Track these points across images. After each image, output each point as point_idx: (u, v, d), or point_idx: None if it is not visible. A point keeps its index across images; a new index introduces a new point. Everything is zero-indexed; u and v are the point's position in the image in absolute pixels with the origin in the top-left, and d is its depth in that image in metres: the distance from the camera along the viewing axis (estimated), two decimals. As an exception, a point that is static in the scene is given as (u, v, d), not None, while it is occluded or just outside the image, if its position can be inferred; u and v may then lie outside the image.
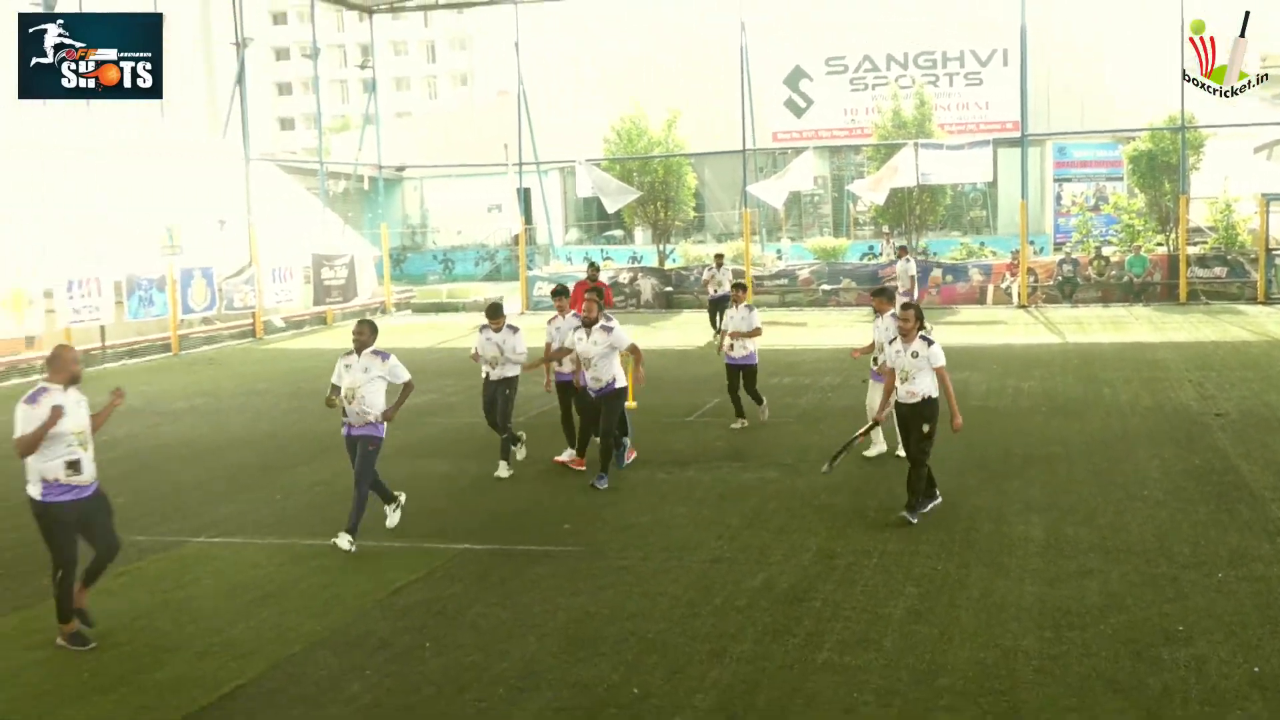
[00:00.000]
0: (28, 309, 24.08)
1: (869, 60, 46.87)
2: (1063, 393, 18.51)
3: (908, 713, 7.04)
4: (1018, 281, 33.98)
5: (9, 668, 8.31)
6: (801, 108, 47.65)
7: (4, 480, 14.76)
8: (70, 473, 8.42)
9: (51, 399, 8.42)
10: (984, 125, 44.18)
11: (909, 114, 38.63)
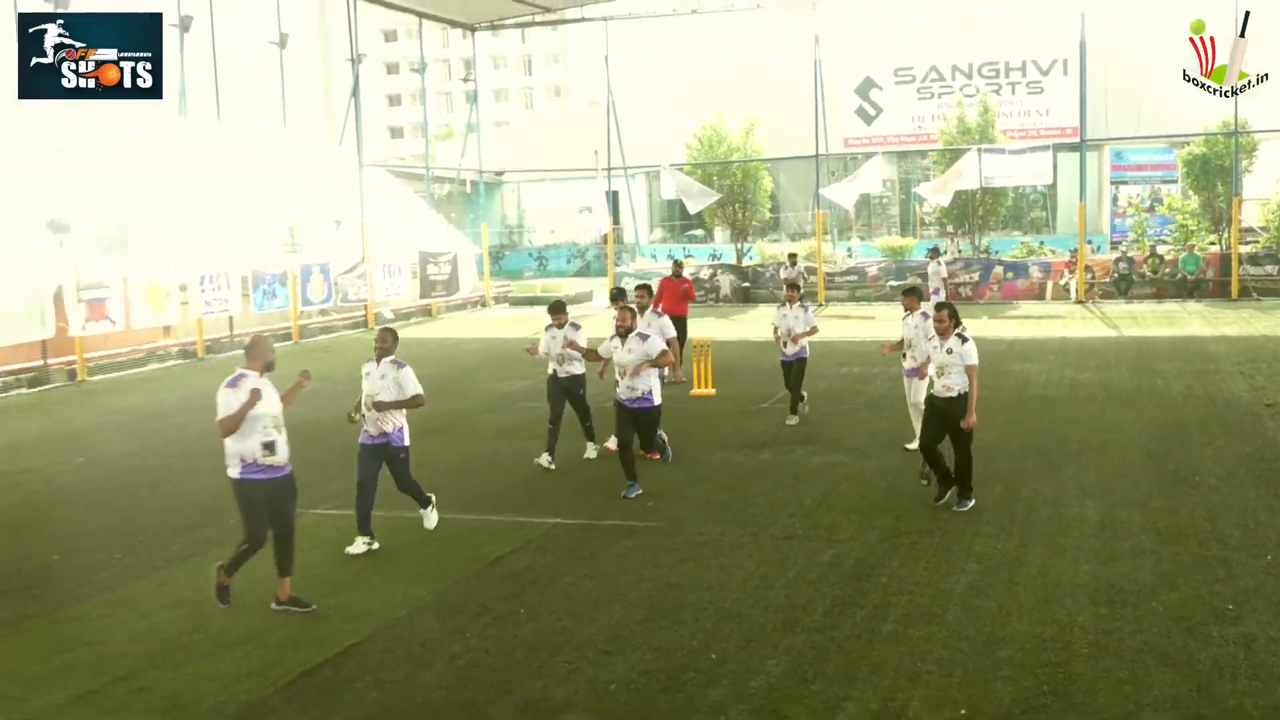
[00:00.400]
0: (165, 301, 24.66)
1: (935, 70, 46.35)
2: (1118, 383, 18.18)
3: (968, 681, 6.99)
4: (1075, 278, 33.42)
5: (148, 624, 8.54)
6: (871, 115, 47.26)
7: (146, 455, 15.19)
8: (266, 453, 8.41)
9: (250, 383, 8.41)
10: (1044, 131, 43.45)
11: (973, 121, 38.21)
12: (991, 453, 13.28)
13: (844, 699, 6.80)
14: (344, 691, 7.20)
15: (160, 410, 18.87)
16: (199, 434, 16.49)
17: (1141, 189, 44.33)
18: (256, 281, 27.51)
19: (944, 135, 39.37)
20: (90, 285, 22.58)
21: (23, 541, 10.99)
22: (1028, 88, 45.41)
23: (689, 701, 6.85)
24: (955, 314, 11.18)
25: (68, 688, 7.38)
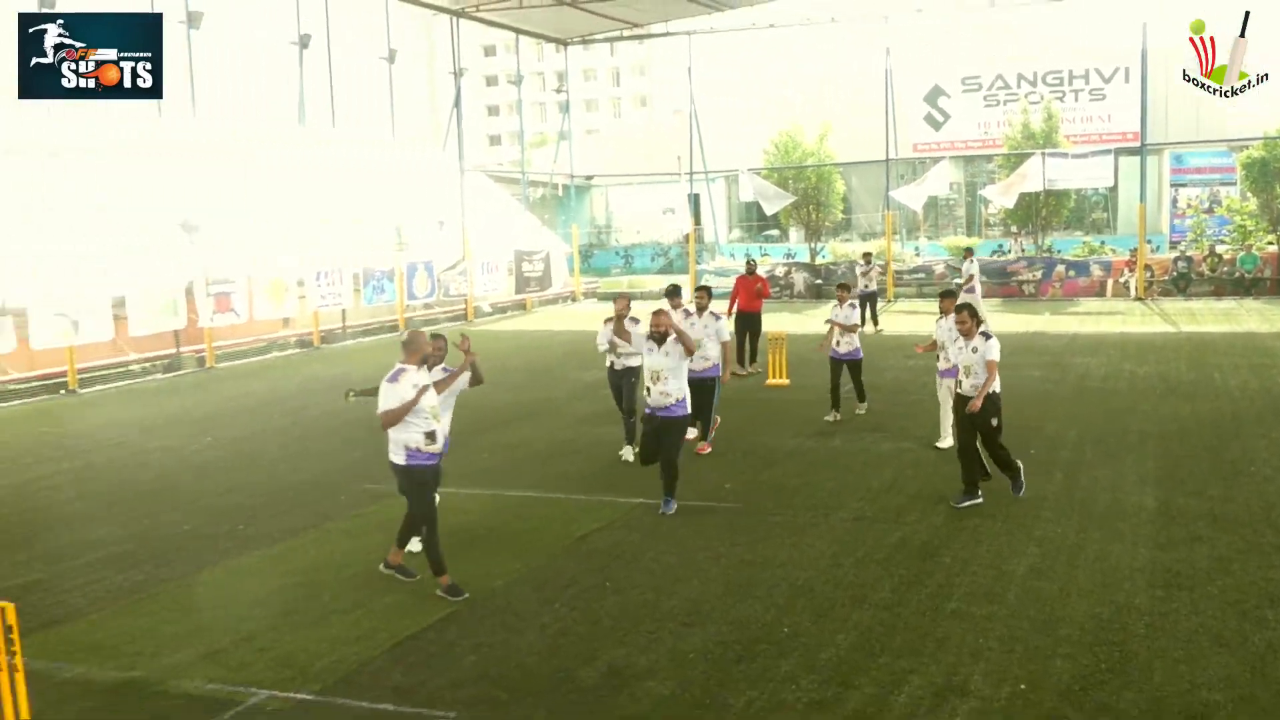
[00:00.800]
0: (284, 295, 25.09)
1: (1001, 79, 45.49)
2: (1176, 376, 17.72)
3: (1028, 657, 6.88)
4: (1135, 276, 32.64)
5: (267, 591, 8.72)
6: (939, 122, 46.55)
7: (266, 436, 15.50)
8: (428, 442, 8.35)
9: (410, 378, 8.28)
10: (1106, 136, 42.46)
11: (1037, 126, 37.51)
12: (1053, 442, 13.05)
13: (909, 672, 6.73)
14: (444, 655, 7.28)
15: (279, 395, 19.23)
16: (314, 417, 16.82)
17: (1201, 191, 43.13)
18: (367, 277, 27.89)
19: (1009, 140, 38.69)
20: (217, 280, 23.06)
21: (157, 513, 11.27)
22: (1090, 95, 44.40)
23: (763, 671, 6.82)
24: (975, 314, 10.81)
25: (196, 647, 7.56)
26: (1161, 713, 6.09)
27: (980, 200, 45.66)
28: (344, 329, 27.87)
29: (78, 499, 11.99)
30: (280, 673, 7.06)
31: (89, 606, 8.48)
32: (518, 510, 10.81)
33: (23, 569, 9.48)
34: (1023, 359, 20.26)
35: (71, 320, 19.81)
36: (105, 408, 18.50)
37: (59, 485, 12.70)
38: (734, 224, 51.92)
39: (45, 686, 6.79)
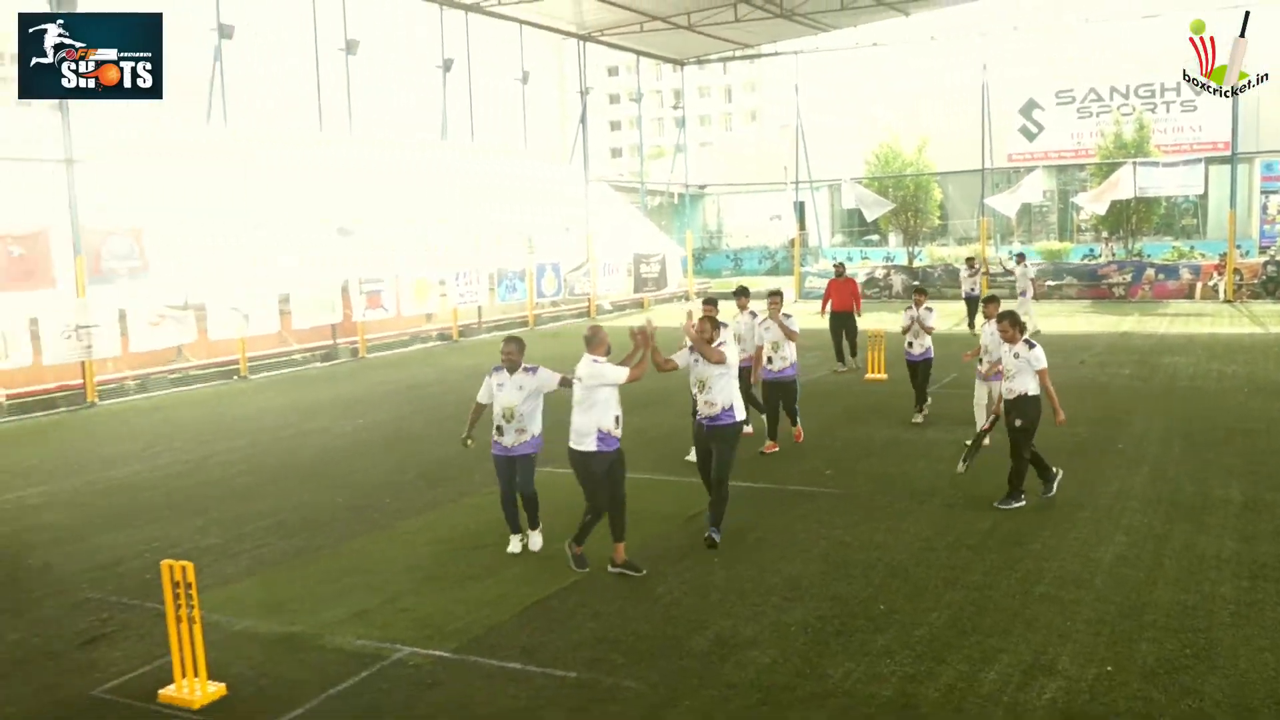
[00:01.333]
0: (427, 293, 25.58)
1: (1094, 92, 43.99)
2: (1263, 376, 16.91)
3: (1115, 640, 6.65)
4: (1224, 279, 31.23)
5: (414, 558, 8.91)
6: (1034, 133, 45.23)
7: (411, 419, 15.82)
8: (616, 425, 8.17)
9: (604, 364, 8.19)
10: (1196, 145, 40.69)
11: (1129, 137, 36.21)
12: (1140, 437, 12.59)
13: (999, 650, 6.56)
14: (566, 620, 7.35)
15: (422, 383, 19.61)
16: (453, 403, 17.09)
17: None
18: (500, 278, 28.27)
19: (1101, 150, 37.44)
20: (369, 280, 23.61)
21: (314, 487, 11.60)
22: (1181, 106, 42.61)
23: (860, 645, 6.73)
24: (1017, 321, 10.28)
25: (346, 606, 7.77)
26: (1246, 697, 5.83)
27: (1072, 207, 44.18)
28: (479, 324, 28.33)
29: (247, 473, 12.41)
30: (420, 631, 7.20)
31: (256, 567, 8.78)
32: (635, 491, 10.77)
33: (200, 533, 9.86)
34: (1112, 358, 19.59)
35: (243, 314, 20.50)
36: (271, 392, 19.09)
37: (231, 460, 13.17)
38: (836, 229, 51.28)
39: (219, 637, 7.05)
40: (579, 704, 6.06)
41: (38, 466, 13.10)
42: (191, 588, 6.05)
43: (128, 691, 6.44)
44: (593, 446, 8.06)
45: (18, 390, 17.44)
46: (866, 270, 37.14)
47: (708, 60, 42.61)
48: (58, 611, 7.89)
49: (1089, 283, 33.35)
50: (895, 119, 40.83)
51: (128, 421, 16.38)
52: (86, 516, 10.57)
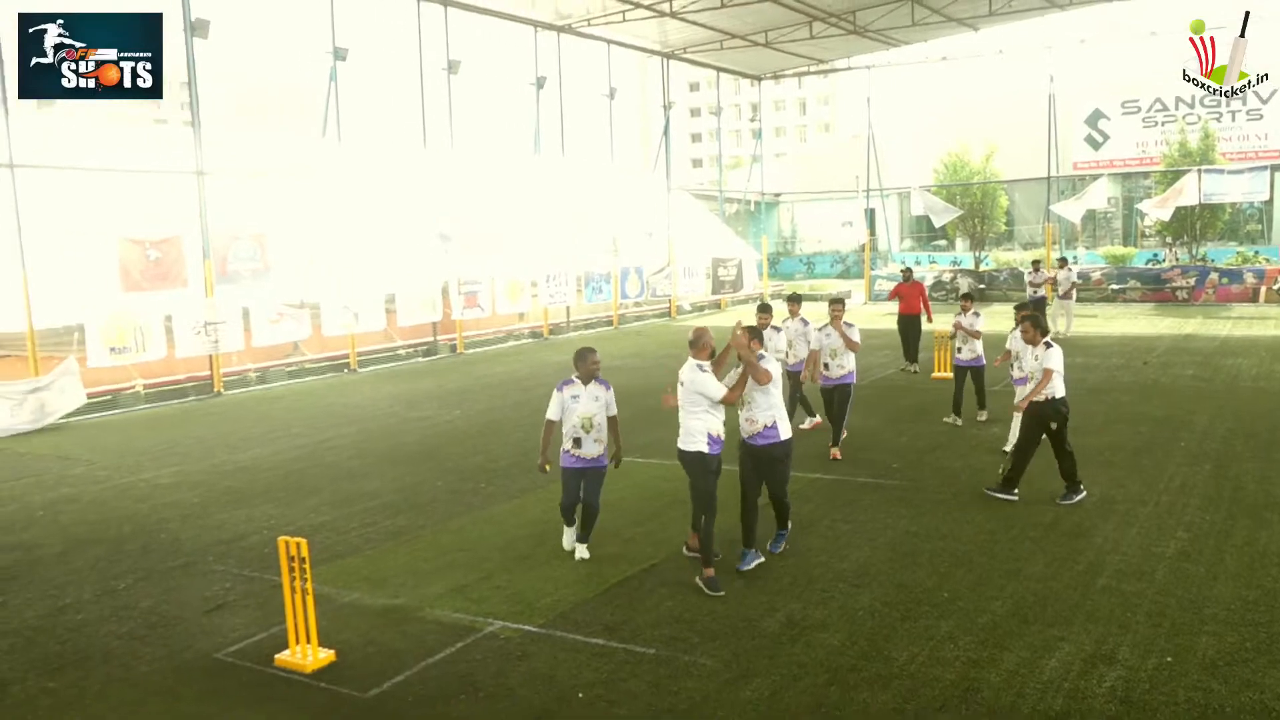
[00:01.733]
0: (520, 293, 25.84)
1: (1160, 101, 42.52)
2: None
3: (1175, 633, 6.43)
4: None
5: (505, 538, 9.00)
6: (1099, 142, 43.93)
7: (505, 410, 15.98)
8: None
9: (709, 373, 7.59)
10: (1262, 153, 39.14)
11: (1194, 145, 34.95)
12: (1203, 435, 12.16)
13: (1060, 639, 6.40)
14: (646, 599, 7.36)
15: (516, 377, 19.80)
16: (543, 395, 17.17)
17: (1356, 204, 39.25)
18: (587, 280, 28.44)
19: (1166, 158, 36.21)
20: (467, 281, 23.92)
21: (416, 471, 11.80)
22: (1247, 114, 40.96)
23: (924, 630, 6.62)
24: (1039, 324, 9.94)
25: (445, 581, 7.89)
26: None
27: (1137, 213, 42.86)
28: (568, 323, 28.53)
29: (356, 457, 12.67)
30: (512, 606, 7.27)
31: (363, 545, 8.96)
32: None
33: (313, 512, 10.10)
34: (1175, 359, 18.95)
35: (354, 313, 20.94)
36: (377, 384, 19.44)
37: (342, 446, 13.45)
38: (905, 234, 50.49)
39: (329, 608, 7.22)
40: (657, 679, 6.06)
41: (170, 450, 13.55)
42: (305, 562, 6.20)
43: (247, 655, 6.62)
44: (704, 447, 7.61)
45: (153, 380, 18.06)
46: (934, 274, 36.53)
47: (784, 75, 42.25)
48: (186, 581, 8.15)
49: (1153, 286, 32.31)
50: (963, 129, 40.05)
51: (249, 410, 16.84)
52: (212, 495, 10.90)
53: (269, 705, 5.91)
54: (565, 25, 29.00)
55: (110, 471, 12.30)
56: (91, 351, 16.41)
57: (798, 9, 29.56)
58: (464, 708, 5.79)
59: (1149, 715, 5.41)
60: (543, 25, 28.51)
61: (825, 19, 31.05)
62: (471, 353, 24.17)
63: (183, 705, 5.96)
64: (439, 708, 5.79)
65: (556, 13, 28.09)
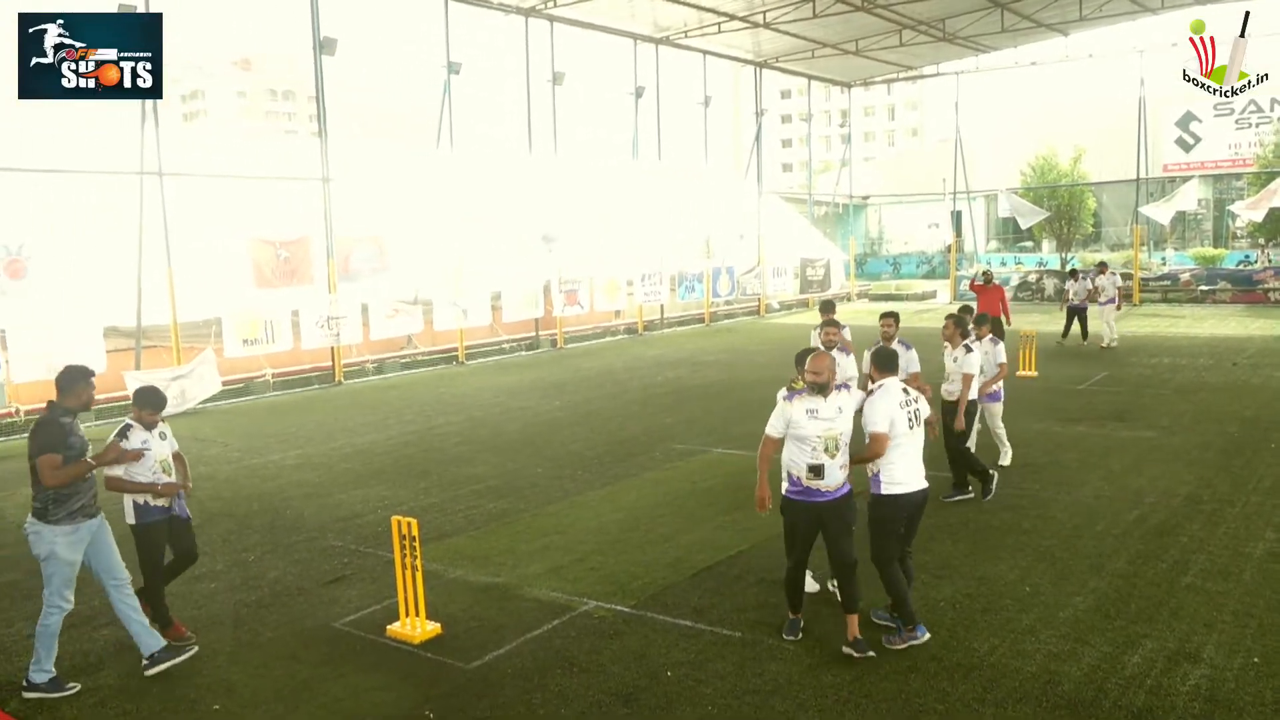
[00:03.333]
0: (617, 292, 25.96)
1: (1254, 104, 40.39)
2: None
3: (1263, 633, 6.10)
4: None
5: (599, 522, 9.03)
6: (1190, 144, 41.96)
7: (601, 401, 16.06)
8: (811, 476, 5.93)
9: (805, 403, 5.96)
10: (1360, 154, 36.93)
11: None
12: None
13: (1143, 636, 6.13)
14: (733, 584, 7.31)
15: (611, 370, 19.88)
16: (637, 388, 17.29)
17: None
18: (681, 279, 28.42)
19: (1260, 160, 34.45)
20: (568, 280, 24.14)
21: (518, 457, 11.94)
22: (1345, 115, 38.73)
23: (1005, 623, 6.42)
24: (961, 323, 9.27)
25: (543, 562, 7.97)
26: (1402, 698, 5.24)
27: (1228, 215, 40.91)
28: (662, 320, 28.53)
29: (463, 443, 12.89)
30: (605, 587, 7.30)
31: (468, 525, 9.11)
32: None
33: (423, 494, 10.31)
34: (1265, 360, 18.00)
35: (462, 309, 21.33)
36: (483, 375, 19.74)
37: (450, 433, 13.70)
38: (991, 236, 49.15)
39: (437, 584, 7.36)
40: (743, 660, 6.01)
41: (295, 434, 14.00)
42: (415, 540, 6.33)
43: (361, 625, 6.79)
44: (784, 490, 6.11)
45: (281, 369, 18.70)
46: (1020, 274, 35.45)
47: (873, 82, 41.48)
48: (308, 555, 8.41)
49: (1243, 288, 30.72)
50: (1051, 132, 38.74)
51: (366, 398, 17.29)
52: (332, 476, 11.23)
53: (380, 672, 6.05)
54: (663, 37, 29.00)
55: (241, 453, 12.78)
56: (227, 343, 17.09)
57: (888, 18, 28.98)
58: (560, 681, 5.83)
59: (1235, 714, 5.15)
60: (642, 38, 28.56)
61: (915, 26, 30.38)
62: (571, 347, 24.37)
63: (302, 669, 6.15)
64: (536, 680, 5.85)
65: (655, 25, 28.10)
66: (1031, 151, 37.34)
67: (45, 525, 5.87)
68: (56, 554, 5.87)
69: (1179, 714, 5.17)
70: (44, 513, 5.86)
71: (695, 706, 5.46)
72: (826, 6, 26.79)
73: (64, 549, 5.88)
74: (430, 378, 19.74)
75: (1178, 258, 39.00)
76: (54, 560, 5.88)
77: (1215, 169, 41.34)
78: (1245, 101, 40.69)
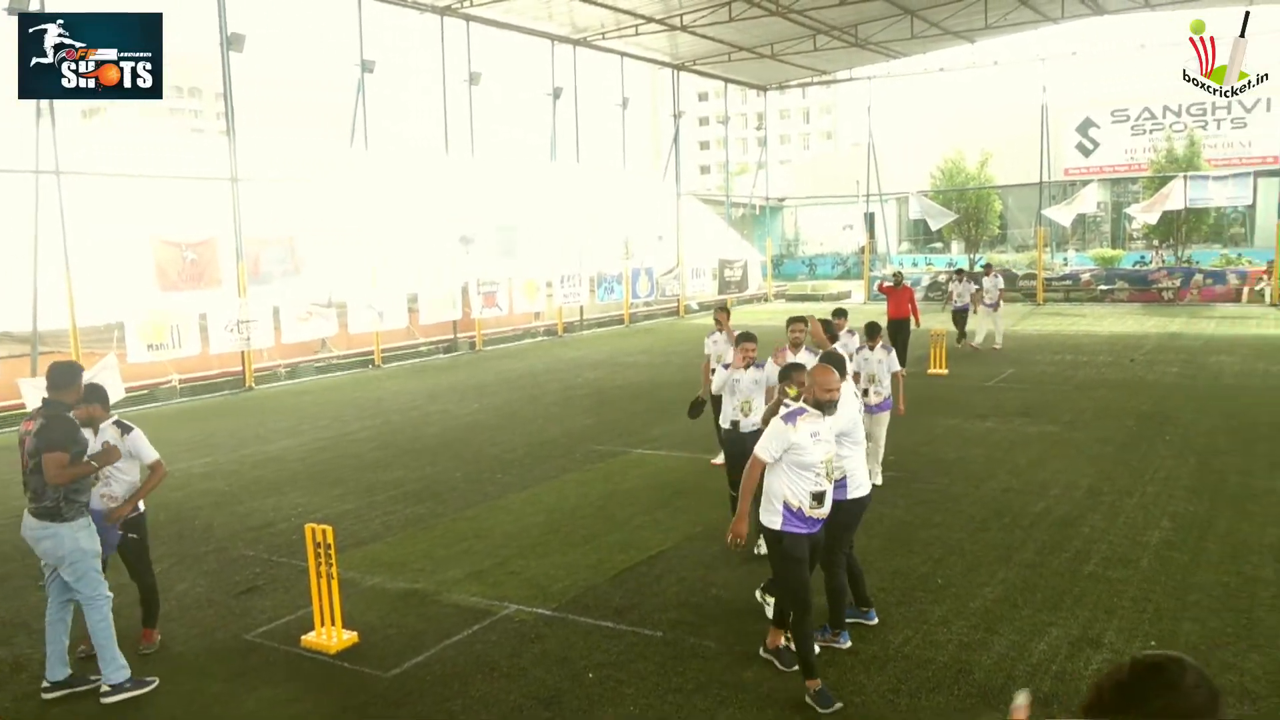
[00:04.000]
0: (536, 293, 25.83)
1: (1148, 110, 42.25)
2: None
3: (1159, 618, 6.38)
4: (1271, 284, 29.74)
5: (519, 526, 8.98)
6: (1089, 149, 43.66)
7: (521, 404, 15.97)
8: (814, 505, 5.45)
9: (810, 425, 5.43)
10: (1245, 159, 38.82)
11: (1180, 152, 34.74)
12: (1188, 430, 12.06)
13: (1049, 624, 6.35)
14: (654, 584, 7.34)
15: (531, 372, 19.79)
16: (557, 390, 17.24)
17: (1336, 208, 38.89)
18: (600, 280, 28.43)
19: (1154, 165, 36.04)
20: (486, 281, 23.92)
21: (438, 461, 11.80)
22: (1232, 123, 40.68)
23: (919, 614, 6.58)
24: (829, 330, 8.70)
25: (463, 567, 7.88)
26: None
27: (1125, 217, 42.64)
28: (582, 321, 28.49)
29: (379, 448, 12.68)
30: (526, 591, 7.26)
31: (386, 531, 8.96)
32: (716, 472, 10.78)
33: (338, 500, 10.11)
34: (1161, 356, 18.82)
35: (377, 311, 20.97)
36: (400, 379, 19.47)
37: (366, 438, 13.47)
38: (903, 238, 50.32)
39: (353, 592, 7.22)
40: (664, 660, 6.04)
41: (204, 441, 13.60)
42: (330, 548, 6.20)
43: (275, 636, 6.63)
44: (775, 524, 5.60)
45: (189, 375, 18.12)
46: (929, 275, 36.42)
47: (789, 86, 42.14)
48: (217, 565, 8.17)
49: (1140, 287, 32.11)
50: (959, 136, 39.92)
51: (279, 403, 16.89)
52: (243, 484, 10.93)
53: (295, 684, 5.91)
54: (581, 39, 28.98)
55: (148, 461, 12.35)
56: (130, 348, 16.48)
57: (803, 23, 29.46)
58: (481, 687, 5.78)
59: (1134, 697, 5.36)
60: (559, 39, 28.50)
61: (829, 32, 30.94)
62: (490, 350, 24.18)
63: (212, 683, 5.97)
64: (456, 686, 5.78)
65: (573, 26, 28.07)
66: (941, 155, 38.40)
67: (61, 525, 5.71)
68: (81, 547, 5.75)
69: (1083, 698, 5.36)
70: (57, 513, 5.70)
71: (617, 707, 5.47)
72: (742, 11, 27.12)
73: (85, 540, 5.78)
74: (345, 382, 19.38)
75: (1078, 258, 40.51)
76: (80, 555, 5.75)
77: (1113, 173, 43.10)
78: (1140, 109, 42.56)
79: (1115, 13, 30.70)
